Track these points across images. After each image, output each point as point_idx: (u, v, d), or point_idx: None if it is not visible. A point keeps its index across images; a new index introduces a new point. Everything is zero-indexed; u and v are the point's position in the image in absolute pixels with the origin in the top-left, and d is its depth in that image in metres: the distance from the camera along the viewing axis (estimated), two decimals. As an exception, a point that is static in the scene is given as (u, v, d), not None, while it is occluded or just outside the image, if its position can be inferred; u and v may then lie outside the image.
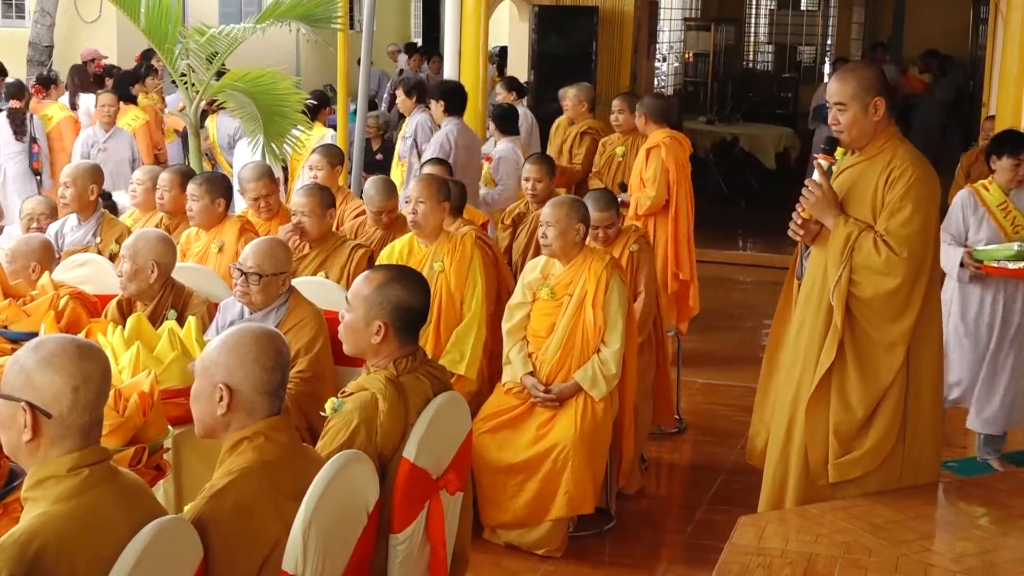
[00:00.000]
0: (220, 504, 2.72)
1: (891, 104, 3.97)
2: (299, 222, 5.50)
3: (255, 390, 2.88)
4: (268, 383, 2.89)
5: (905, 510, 3.89)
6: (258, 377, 2.88)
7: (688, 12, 16.88)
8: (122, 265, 4.75)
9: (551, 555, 4.86)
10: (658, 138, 7.38)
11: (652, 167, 7.29)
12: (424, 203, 5.24)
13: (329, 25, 7.52)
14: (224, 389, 2.86)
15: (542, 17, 10.43)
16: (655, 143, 7.37)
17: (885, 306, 3.90)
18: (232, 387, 2.86)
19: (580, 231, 5.04)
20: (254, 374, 2.87)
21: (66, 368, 2.47)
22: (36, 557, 2.31)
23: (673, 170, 7.26)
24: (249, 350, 2.88)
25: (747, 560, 3.58)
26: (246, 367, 2.87)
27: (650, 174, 7.28)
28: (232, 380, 2.86)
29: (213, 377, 2.88)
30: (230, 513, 2.71)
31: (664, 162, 7.25)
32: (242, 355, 2.88)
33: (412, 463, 3.19)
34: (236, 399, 2.86)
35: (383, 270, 3.53)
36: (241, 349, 2.88)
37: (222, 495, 2.73)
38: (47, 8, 13.99)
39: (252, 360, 2.87)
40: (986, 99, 9.55)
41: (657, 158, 7.29)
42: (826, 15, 18.74)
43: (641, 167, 7.38)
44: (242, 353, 2.88)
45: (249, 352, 2.88)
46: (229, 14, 14.96)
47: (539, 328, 5.08)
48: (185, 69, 7.19)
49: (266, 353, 2.89)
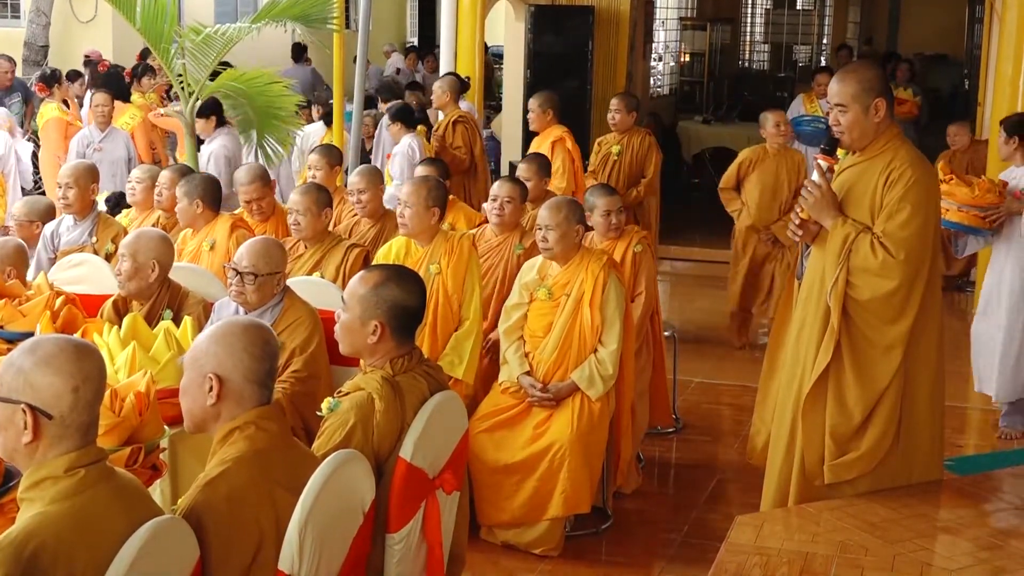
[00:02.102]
0: (214, 493, 2.72)
1: (892, 105, 3.96)
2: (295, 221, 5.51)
3: (245, 379, 2.88)
4: (257, 372, 2.90)
5: (902, 509, 3.89)
6: (248, 366, 2.88)
7: (684, 12, 16.88)
8: (121, 264, 4.74)
9: (548, 554, 4.86)
10: (558, 132, 8.05)
11: (559, 159, 7.85)
12: (411, 208, 5.22)
13: (325, 25, 7.51)
14: (214, 378, 2.86)
15: (538, 17, 10.42)
16: (558, 136, 8.02)
17: (882, 308, 3.89)
18: (222, 376, 2.87)
19: (579, 232, 5.06)
20: (243, 363, 2.88)
21: (65, 368, 2.47)
22: (32, 557, 2.31)
23: (578, 159, 8.01)
24: (238, 339, 2.89)
25: (744, 559, 3.58)
26: (235, 356, 2.87)
27: (558, 165, 7.74)
28: (222, 369, 2.87)
29: (203, 367, 2.88)
30: (224, 502, 2.71)
31: (570, 152, 7.90)
32: (231, 344, 2.88)
33: (408, 463, 3.19)
34: (226, 388, 2.87)
35: (379, 270, 3.52)
36: (230, 339, 2.89)
37: (215, 484, 2.74)
38: (43, 8, 13.96)
39: (241, 349, 2.88)
40: (982, 98, 9.56)
41: (563, 150, 7.92)
42: (822, 14, 18.76)
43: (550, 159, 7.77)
44: (231, 342, 2.89)
45: (238, 341, 2.89)
46: (225, 13, 14.94)
47: (536, 328, 5.08)
48: (181, 69, 7.18)
49: (255, 343, 2.90)
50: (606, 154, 8.25)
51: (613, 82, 10.70)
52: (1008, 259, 6.10)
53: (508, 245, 5.71)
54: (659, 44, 15.33)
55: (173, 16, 7.13)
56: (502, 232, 5.73)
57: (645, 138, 8.26)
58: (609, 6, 10.63)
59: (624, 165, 8.17)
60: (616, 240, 5.71)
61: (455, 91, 8.88)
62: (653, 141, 8.32)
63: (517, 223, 5.79)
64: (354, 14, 14.27)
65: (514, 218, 5.74)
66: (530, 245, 5.65)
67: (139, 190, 6.44)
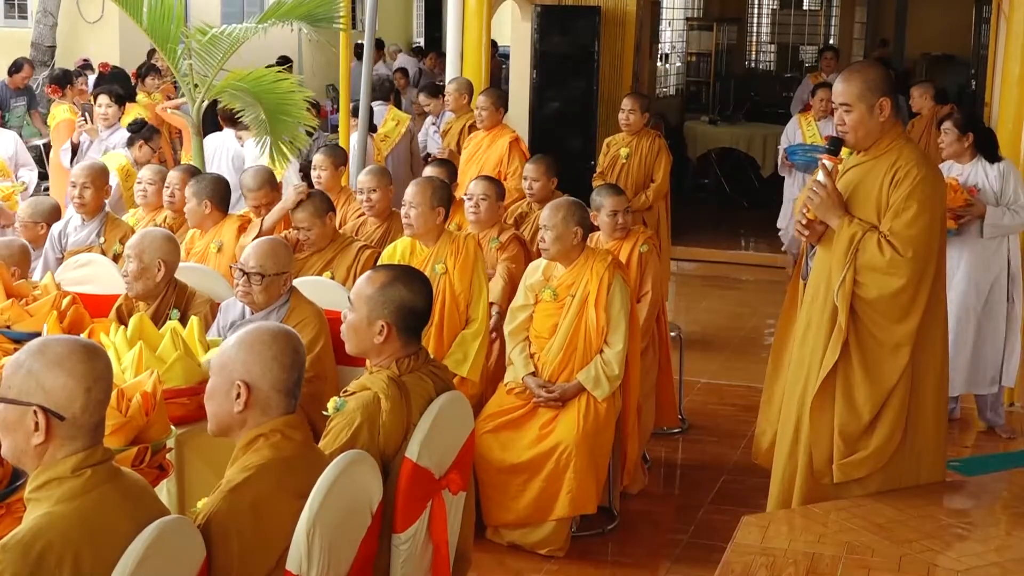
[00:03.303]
0: (238, 500, 2.72)
1: (897, 104, 3.96)
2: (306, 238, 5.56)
3: (272, 388, 2.88)
4: (285, 381, 2.90)
5: (909, 509, 3.89)
6: (276, 375, 2.88)
7: (690, 12, 16.86)
8: (128, 264, 4.75)
9: (554, 555, 4.86)
10: (510, 132, 8.01)
11: (517, 159, 7.73)
12: (416, 208, 5.23)
13: (331, 25, 7.51)
14: (242, 386, 2.86)
15: (544, 17, 10.41)
16: (513, 137, 7.97)
17: (890, 307, 3.89)
18: (250, 384, 2.87)
19: (578, 234, 5.04)
20: (272, 372, 2.88)
21: (78, 369, 2.47)
22: (39, 557, 2.31)
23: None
24: (268, 348, 2.89)
25: (750, 559, 3.57)
26: (264, 364, 2.88)
27: (516, 166, 7.64)
28: (250, 377, 2.87)
29: (231, 374, 2.88)
30: (248, 509, 2.72)
31: (525, 154, 7.75)
32: (261, 353, 2.88)
33: (415, 463, 3.19)
34: (253, 396, 2.87)
35: (386, 270, 3.53)
36: (260, 347, 2.89)
37: (240, 491, 2.74)
38: (49, 8, 13.99)
39: (271, 358, 2.88)
40: (988, 99, 9.52)
41: (519, 151, 7.84)
42: (828, 14, 18.73)
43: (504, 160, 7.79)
44: (261, 351, 2.89)
45: (268, 350, 2.89)
46: (231, 14, 14.95)
47: (542, 329, 5.08)
48: (187, 69, 7.18)
49: (284, 352, 2.91)
50: (614, 156, 8.04)
51: (619, 82, 10.69)
52: (962, 261, 6.10)
53: (484, 240, 5.77)
54: (665, 44, 15.32)
55: (179, 16, 7.13)
56: (479, 230, 5.77)
57: (655, 140, 8.00)
58: (615, 6, 10.62)
59: (632, 168, 7.94)
60: (622, 240, 5.71)
61: (471, 93, 8.84)
62: (663, 144, 8.05)
63: (494, 220, 5.85)
64: (360, 14, 14.29)
65: (489, 215, 5.79)
66: (506, 240, 5.77)
67: (150, 192, 6.45)
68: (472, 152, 8.07)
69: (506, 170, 7.72)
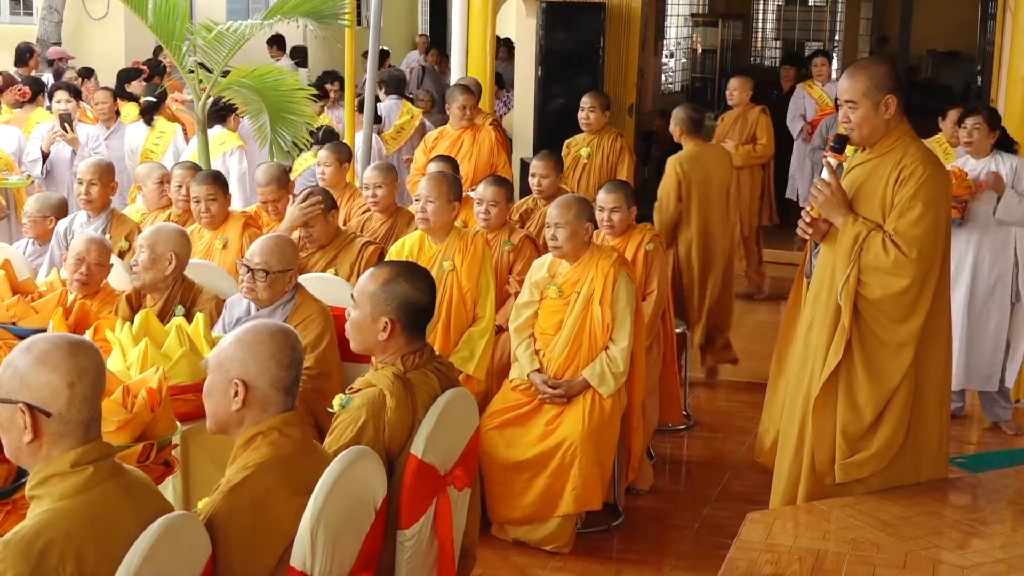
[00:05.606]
0: (238, 499, 2.73)
1: (903, 101, 3.94)
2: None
3: (270, 386, 2.89)
4: (283, 379, 2.90)
5: (913, 506, 3.89)
6: (274, 373, 2.89)
7: (695, 8, 16.84)
8: (139, 255, 4.77)
9: (559, 551, 4.86)
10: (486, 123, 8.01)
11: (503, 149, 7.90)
12: (434, 202, 5.23)
13: (336, 21, 7.50)
14: (240, 384, 2.86)
15: (549, 13, 10.39)
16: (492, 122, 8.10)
17: (894, 307, 3.88)
18: (248, 383, 2.87)
19: (588, 230, 5.06)
20: (270, 370, 2.88)
21: (60, 365, 2.47)
22: (42, 553, 2.32)
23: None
24: (265, 346, 2.89)
25: (755, 556, 3.57)
26: (262, 363, 2.88)
27: (503, 157, 7.82)
28: (248, 376, 2.87)
29: (228, 372, 2.89)
30: (248, 508, 2.72)
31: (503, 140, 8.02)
32: (258, 351, 2.89)
33: (420, 459, 3.19)
34: (251, 395, 2.87)
35: (389, 267, 3.52)
36: (257, 345, 2.89)
37: (239, 490, 2.74)
38: (55, 5, 14.00)
39: (268, 356, 2.88)
40: (994, 95, 9.50)
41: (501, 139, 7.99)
42: (833, 10, 18.68)
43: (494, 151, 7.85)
44: (258, 349, 2.89)
45: (265, 348, 2.89)
46: (236, 10, 14.95)
47: (547, 326, 5.08)
48: (193, 66, 7.18)
49: (282, 350, 2.91)
50: (575, 157, 7.74)
51: (624, 79, 10.67)
52: (967, 253, 6.10)
53: (497, 242, 5.75)
54: (670, 40, 15.29)
55: (185, 13, 7.13)
56: (490, 232, 5.75)
57: (616, 139, 7.74)
58: (620, 2, 10.59)
59: (593, 168, 7.67)
60: (627, 238, 5.70)
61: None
62: (625, 143, 7.81)
63: (503, 223, 5.83)
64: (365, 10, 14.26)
65: (499, 220, 5.77)
66: (519, 242, 5.74)
67: (155, 190, 6.45)
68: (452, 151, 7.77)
69: (496, 160, 7.74)
